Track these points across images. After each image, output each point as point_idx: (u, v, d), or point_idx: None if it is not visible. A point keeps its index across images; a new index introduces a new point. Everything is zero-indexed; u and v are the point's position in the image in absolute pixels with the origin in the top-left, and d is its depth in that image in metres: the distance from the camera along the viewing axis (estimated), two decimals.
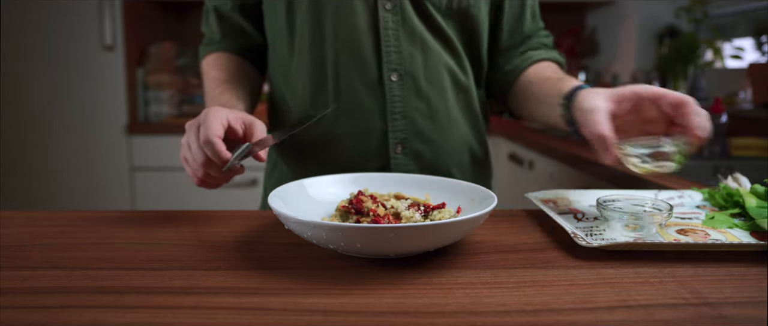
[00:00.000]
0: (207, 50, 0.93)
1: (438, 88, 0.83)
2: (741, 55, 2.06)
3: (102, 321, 0.41)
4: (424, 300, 0.45)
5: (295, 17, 0.82)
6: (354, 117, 0.82)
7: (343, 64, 0.81)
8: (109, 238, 0.61)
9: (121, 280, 0.49)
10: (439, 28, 0.82)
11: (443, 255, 0.56)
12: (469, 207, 0.63)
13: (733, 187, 0.70)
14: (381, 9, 0.79)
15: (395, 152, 0.83)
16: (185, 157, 0.69)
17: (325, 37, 0.81)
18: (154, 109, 2.41)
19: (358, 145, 0.83)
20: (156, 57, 2.40)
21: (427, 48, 0.82)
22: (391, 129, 0.82)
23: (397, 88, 0.81)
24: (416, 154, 0.84)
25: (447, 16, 0.82)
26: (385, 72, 0.80)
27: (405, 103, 0.82)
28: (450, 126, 0.85)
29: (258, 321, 0.41)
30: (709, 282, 0.49)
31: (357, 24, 0.80)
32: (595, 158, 1.45)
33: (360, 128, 0.82)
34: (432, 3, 0.81)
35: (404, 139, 0.83)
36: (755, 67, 1.84)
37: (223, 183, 0.70)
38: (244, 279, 0.49)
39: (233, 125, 0.67)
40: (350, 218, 0.60)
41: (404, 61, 0.81)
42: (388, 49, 0.80)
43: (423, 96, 0.82)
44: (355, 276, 0.50)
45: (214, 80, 0.86)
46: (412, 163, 0.84)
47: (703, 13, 2.20)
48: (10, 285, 0.48)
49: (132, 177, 2.34)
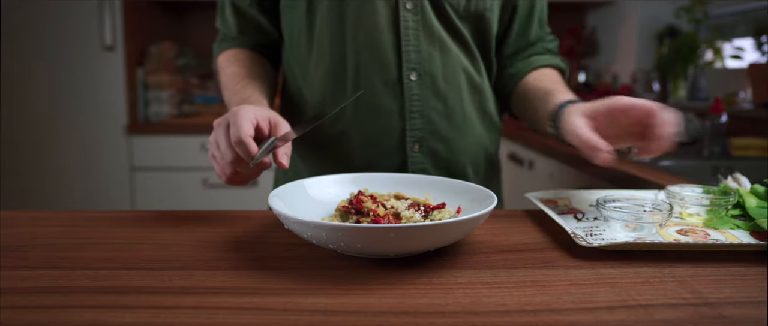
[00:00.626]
0: (223, 46, 0.93)
1: (455, 88, 0.85)
2: (741, 55, 2.06)
3: (102, 321, 0.41)
4: (424, 300, 0.45)
5: (316, 15, 0.83)
6: (372, 115, 0.83)
7: (363, 62, 0.82)
8: (109, 238, 0.61)
9: (121, 280, 0.49)
10: (456, 29, 0.84)
11: (443, 255, 0.56)
12: (469, 207, 0.63)
13: (733, 187, 0.70)
14: (402, 9, 0.81)
15: (412, 150, 0.84)
16: (213, 154, 0.69)
17: (345, 36, 0.82)
18: (154, 109, 2.41)
19: (376, 143, 0.84)
20: (156, 57, 2.40)
21: (445, 48, 0.83)
22: (409, 128, 0.83)
23: (415, 87, 0.82)
24: (433, 152, 0.85)
25: (464, 18, 0.84)
26: (405, 71, 0.82)
27: (423, 102, 0.83)
28: (466, 125, 0.87)
29: (258, 321, 0.41)
30: (709, 282, 0.49)
31: (378, 23, 0.81)
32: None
33: (378, 126, 0.83)
34: (451, 4, 0.82)
35: (421, 138, 0.84)
36: (755, 67, 1.84)
37: (252, 179, 0.71)
38: (244, 279, 0.49)
39: (261, 124, 0.67)
40: (350, 218, 0.60)
41: (423, 61, 0.82)
42: (408, 49, 0.81)
43: (440, 95, 0.84)
44: (355, 276, 0.50)
45: (234, 75, 0.86)
46: (429, 161, 0.85)
47: (703, 13, 2.21)
48: (10, 285, 0.48)
49: (132, 177, 2.34)
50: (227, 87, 0.86)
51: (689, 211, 0.65)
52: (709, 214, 0.64)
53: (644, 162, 1.42)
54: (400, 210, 0.60)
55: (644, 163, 1.41)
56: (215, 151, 0.68)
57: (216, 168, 0.70)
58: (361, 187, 0.70)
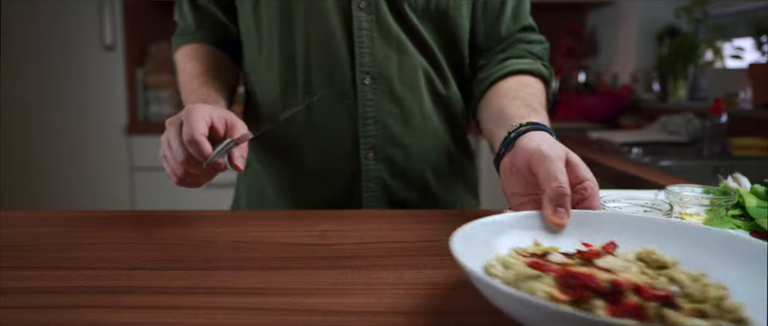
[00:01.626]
0: (181, 41, 0.89)
1: (413, 91, 0.79)
2: (741, 55, 2.06)
3: (102, 321, 0.41)
4: (423, 300, 0.45)
5: (262, 13, 0.79)
6: (324, 120, 0.78)
7: (314, 63, 0.77)
8: (109, 238, 0.61)
9: (121, 280, 0.49)
10: (415, 29, 0.78)
11: (443, 255, 0.56)
12: (693, 252, 0.45)
13: (733, 187, 0.70)
14: (355, 8, 0.75)
15: (366, 158, 0.79)
16: (165, 154, 0.66)
17: (294, 36, 0.77)
18: (154, 109, 2.41)
19: (329, 149, 0.80)
20: (156, 57, 2.40)
21: (402, 50, 0.77)
22: (363, 134, 0.78)
23: (370, 91, 0.77)
24: (389, 159, 0.80)
25: (424, 17, 0.78)
26: (358, 75, 0.77)
27: (377, 107, 0.78)
28: (425, 128, 0.81)
29: (258, 321, 0.41)
30: None
31: (329, 22, 0.76)
32: (594, 158, 1.45)
33: (330, 132, 0.79)
34: (408, 3, 0.76)
35: (376, 145, 0.79)
36: (755, 67, 1.84)
37: (205, 181, 0.67)
38: (244, 279, 0.49)
39: (216, 124, 0.64)
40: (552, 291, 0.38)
41: (378, 64, 0.77)
42: (362, 51, 0.76)
43: (396, 99, 0.78)
44: (355, 276, 0.50)
45: (191, 73, 0.82)
46: (384, 169, 0.80)
47: (703, 13, 2.20)
48: (10, 285, 0.48)
49: (132, 177, 2.34)
50: (184, 84, 0.82)
51: (689, 211, 0.65)
52: (709, 214, 0.64)
53: (643, 163, 1.42)
54: (657, 291, 0.37)
55: (644, 163, 1.41)
56: (166, 150, 0.65)
57: (167, 169, 0.66)
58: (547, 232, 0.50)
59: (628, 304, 0.36)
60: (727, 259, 0.43)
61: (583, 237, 0.49)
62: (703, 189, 0.68)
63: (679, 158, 1.49)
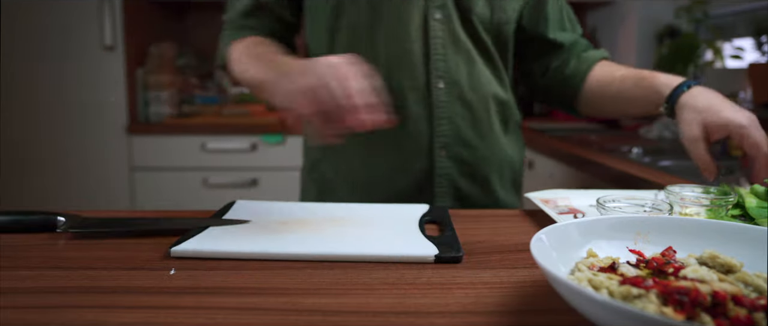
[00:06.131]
0: (239, 35, 0.90)
1: (481, 98, 0.88)
2: (741, 55, 2.06)
3: (102, 321, 0.41)
4: (424, 300, 0.45)
5: (342, 20, 0.85)
6: (401, 119, 0.85)
7: (394, 68, 0.85)
8: (109, 238, 0.61)
9: (121, 280, 0.49)
10: (480, 40, 0.88)
11: None
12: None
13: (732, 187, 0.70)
14: (431, 19, 0.85)
15: (439, 155, 0.87)
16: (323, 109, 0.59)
17: (377, 43, 0.85)
18: (154, 109, 2.41)
19: (404, 147, 0.87)
20: (156, 57, 2.40)
21: (470, 58, 0.87)
22: (437, 133, 0.87)
23: (443, 94, 0.86)
24: (458, 158, 0.88)
25: (487, 30, 0.88)
26: (433, 79, 0.85)
27: (450, 109, 0.86)
28: (491, 134, 0.90)
29: (258, 321, 0.41)
30: None
31: (409, 31, 0.84)
32: (594, 158, 1.45)
33: (406, 130, 0.86)
34: (477, 16, 0.86)
35: (447, 144, 0.87)
36: (755, 67, 1.84)
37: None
38: (244, 279, 0.49)
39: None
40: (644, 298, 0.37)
41: (450, 70, 0.86)
42: (436, 57, 0.85)
43: (466, 103, 0.87)
44: (355, 276, 0.50)
45: (264, 52, 0.83)
46: (455, 167, 0.88)
47: (703, 13, 2.20)
48: (10, 285, 0.48)
49: (132, 178, 2.34)
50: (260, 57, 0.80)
51: (689, 211, 0.65)
52: (709, 214, 0.64)
53: (643, 163, 1.42)
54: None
55: (644, 163, 1.41)
56: (326, 97, 0.58)
57: (318, 127, 0.60)
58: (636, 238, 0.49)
59: (737, 318, 0.35)
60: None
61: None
62: (703, 189, 0.68)
63: (679, 158, 1.49)
